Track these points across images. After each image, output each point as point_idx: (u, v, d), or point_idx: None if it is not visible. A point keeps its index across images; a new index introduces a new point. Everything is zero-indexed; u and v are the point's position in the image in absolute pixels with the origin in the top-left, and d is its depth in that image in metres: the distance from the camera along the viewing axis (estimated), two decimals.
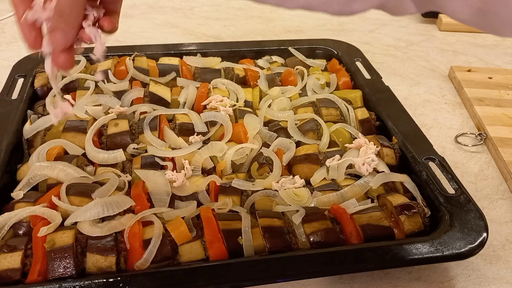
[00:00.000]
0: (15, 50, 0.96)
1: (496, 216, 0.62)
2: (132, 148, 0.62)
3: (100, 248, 0.47)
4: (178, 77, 0.76)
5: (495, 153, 0.71)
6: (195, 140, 0.63)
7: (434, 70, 0.97)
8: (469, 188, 0.58)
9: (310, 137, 0.65)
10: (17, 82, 0.73)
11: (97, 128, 0.63)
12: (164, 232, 0.49)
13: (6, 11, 1.12)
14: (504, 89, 0.86)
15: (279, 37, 1.07)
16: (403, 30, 1.15)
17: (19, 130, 0.64)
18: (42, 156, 0.59)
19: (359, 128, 0.68)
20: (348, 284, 0.52)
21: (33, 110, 0.69)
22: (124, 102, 0.69)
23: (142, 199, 0.54)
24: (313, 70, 0.81)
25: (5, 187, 0.56)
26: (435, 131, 0.78)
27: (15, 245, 0.48)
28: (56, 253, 0.46)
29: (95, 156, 0.59)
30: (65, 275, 0.45)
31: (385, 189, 0.58)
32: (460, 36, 1.12)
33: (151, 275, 0.45)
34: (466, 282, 0.53)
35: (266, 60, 0.83)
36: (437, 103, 0.86)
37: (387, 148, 0.63)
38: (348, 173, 0.60)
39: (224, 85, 0.74)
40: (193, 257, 0.49)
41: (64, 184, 0.54)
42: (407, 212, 0.53)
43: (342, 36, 0.96)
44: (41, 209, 0.51)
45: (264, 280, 0.46)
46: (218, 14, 1.18)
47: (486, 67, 0.97)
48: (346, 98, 0.72)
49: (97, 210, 0.51)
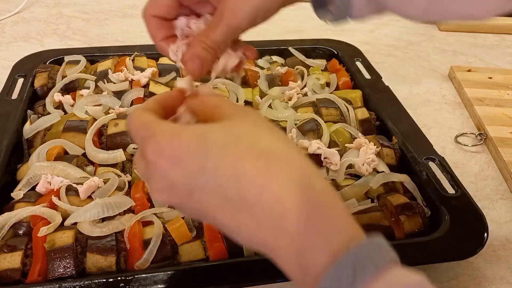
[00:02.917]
0: (15, 50, 0.96)
1: (496, 216, 0.62)
2: (132, 148, 0.62)
3: (100, 248, 0.47)
4: (178, 77, 0.76)
5: (495, 153, 0.71)
6: None
7: (434, 70, 0.97)
8: (469, 188, 0.58)
9: (310, 137, 0.65)
10: (17, 82, 0.73)
11: (97, 128, 0.63)
12: (164, 232, 0.49)
13: (6, 11, 1.12)
14: (504, 89, 0.86)
15: (279, 37, 1.07)
16: (403, 30, 1.15)
17: (19, 130, 0.64)
18: (42, 156, 0.59)
19: (359, 128, 0.68)
20: None
21: (33, 110, 0.69)
22: (124, 102, 0.69)
23: (142, 199, 0.54)
24: (313, 70, 0.81)
25: (5, 187, 0.56)
26: (435, 131, 0.78)
27: (15, 245, 0.48)
28: (56, 253, 0.46)
29: (95, 156, 0.59)
30: (65, 275, 0.46)
31: (385, 189, 0.58)
32: (460, 36, 1.12)
33: (151, 275, 0.45)
34: (466, 282, 0.53)
35: (266, 60, 0.83)
36: (437, 103, 0.86)
37: (387, 148, 0.63)
38: (348, 173, 0.60)
39: (224, 85, 0.74)
40: (193, 257, 0.49)
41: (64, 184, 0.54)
42: (407, 212, 0.53)
43: (342, 36, 0.96)
44: (41, 209, 0.51)
45: (264, 280, 0.46)
46: None
47: (486, 67, 0.97)
48: (346, 98, 0.72)
49: (97, 211, 0.51)
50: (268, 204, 0.30)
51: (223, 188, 0.31)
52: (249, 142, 0.32)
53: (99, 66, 0.76)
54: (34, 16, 1.12)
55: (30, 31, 1.05)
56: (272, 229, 0.30)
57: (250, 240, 0.32)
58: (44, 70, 0.75)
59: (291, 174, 0.31)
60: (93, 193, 0.54)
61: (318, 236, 0.29)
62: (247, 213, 0.30)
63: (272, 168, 0.31)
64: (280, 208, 0.29)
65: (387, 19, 1.20)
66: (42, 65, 0.77)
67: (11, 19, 1.10)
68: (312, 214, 0.29)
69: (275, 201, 0.30)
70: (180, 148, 0.32)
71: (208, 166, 0.31)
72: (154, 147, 0.32)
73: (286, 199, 0.29)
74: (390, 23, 1.18)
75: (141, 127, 0.35)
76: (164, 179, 0.32)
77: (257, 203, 0.30)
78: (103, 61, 0.77)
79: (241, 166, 0.30)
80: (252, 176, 0.30)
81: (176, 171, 0.32)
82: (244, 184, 0.30)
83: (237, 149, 0.31)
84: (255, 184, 0.30)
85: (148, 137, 0.33)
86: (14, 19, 1.10)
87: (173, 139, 0.32)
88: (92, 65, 0.79)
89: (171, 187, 0.32)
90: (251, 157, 0.31)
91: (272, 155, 0.31)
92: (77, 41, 1.01)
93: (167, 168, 0.32)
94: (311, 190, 0.30)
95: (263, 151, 0.31)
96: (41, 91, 0.73)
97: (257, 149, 0.31)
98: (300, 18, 1.14)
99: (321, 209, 0.30)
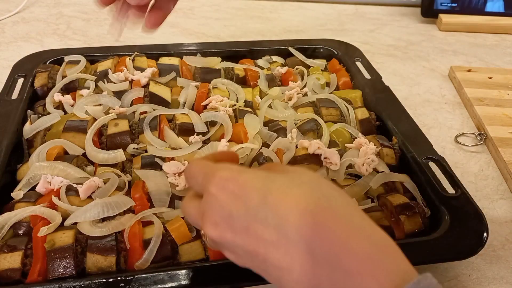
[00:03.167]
0: (15, 50, 0.96)
1: (496, 216, 0.62)
2: (132, 148, 0.62)
3: (100, 248, 0.47)
4: (178, 77, 0.76)
5: (495, 153, 0.71)
6: (195, 140, 0.63)
7: (434, 70, 0.97)
8: (469, 188, 0.58)
9: (310, 137, 0.65)
10: (17, 82, 0.73)
11: (97, 128, 0.63)
12: (164, 232, 0.49)
13: (6, 11, 1.12)
14: (504, 89, 0.86)
15: (279, 37, 1.07)
16: (403, 30, 1.15)
17: (19, 130, 0.64)
18: (42, 156, 0.59)
19: (359, 128, 0.68)
20: None
21: (33, 110, 0.69)
22: (124, 102, 0.69)
23: (142, 199, 0.54)
24: (313, 70, 0.81)
25: (5, 187, 0.56)
26: (435, 131, 0.78)
27: (15, 245, 0.48)
28: (56, 253, 0.46)
29: (95, 156, 0.59)
30: (65, 275, 0.46)
31: (385, 189, 0.58)
32: (460, 36, 1.12)
33: (151, 275, 0.45)
34: (466, 282, 0.53)
35: (266, 60, 0.83)
36: (437, 103, 0.86)
37: (387, 148, 0.63)
38: (348, 173, 0.60)
39: (224, 85, 0.74)
40: (193, 257, 0.49)
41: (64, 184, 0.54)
42: (407, 212, 0.53)
43: (342, 36, 0.96)
44: (41, 209, 0.51)
45: (264, 280, 0.46)
46: (218, 14, 1.18)
47: (486, 67, 0.98)
48: (346, 98, 0.72)
49: (97, 211, 0.51)
50: (328, 242, 0.31)
51: (283, 224, 0.31)
52: (311, 187, 0.33)
53: (99, 66, 0.76)
54: (34, 16, 1.12)
55: (30, 31, 1.05)
56: (329, 267, 0.30)
57: (300, 282, 0.32)
58: (44, 70, 0.75)
59: (352, 217, 0.32)
60: (93, 193, 0.54)
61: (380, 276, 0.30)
62: (304, 249, 0.31)
63: (335, 209, 0.32)
64: (339, 246, 0.30)
65: (387, 19, 1.20)
66: (42, 65, 0.77)
67: (11, 19, 1.10)
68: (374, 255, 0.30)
69: (336, 239, 0.31)
70: (244, 183, 0.33)
71: (270, 201, 0.32)
72: (219, 180, 0.34)
73: (346, 239, 0.31)
74: (390, 23, 1.18)
75: (204, 167, 0.37)
76: (222, 211, 0.33)
77: (316, 241, 0.31)
78: (103, 61, 0.77)
79: (304, 204, 0.32)
80: (315, 213, 0.31)
81: (237, 203, 0.33)
82: (304, 221, 0.31)
83: (300, 191, 0.32)
84: (316, 221, 0.31)
85: (213, 173, 0.35)
86: (14, 19, 1.10)
87: (239, 174, 0.34)
88: (92, 65, 0.79)
89: (228, 219, 0.33)
90: (313, 198, 0.32)
91: (333, 198, 0.33)
92: (77, 41, 1.02)
93: (228, 201, 0.33)
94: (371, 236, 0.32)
95: (325, 194, 0.33)
96: (41, 91, 0.73)
97: (319, 192, 0.33)
98: (300, 18, 1.14)
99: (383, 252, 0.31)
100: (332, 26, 1.13)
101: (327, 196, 0.33)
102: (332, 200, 0.33)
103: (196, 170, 0.37)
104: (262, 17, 1.16)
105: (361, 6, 1.27)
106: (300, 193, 0.32)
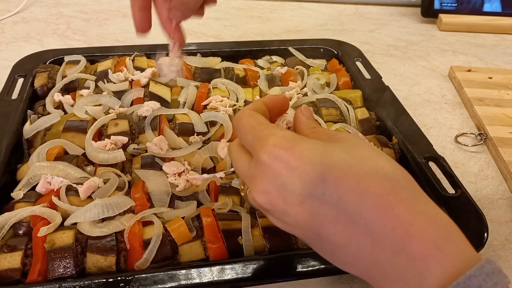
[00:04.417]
0: (15, 50, 0.96)
1: (496, 216, 0.62)
2: (132, 148, 0.62)
3: (100, 248, 0.47)
4: (178, 77, 0.76)
5: (495, 153, 0.71)
6: (195, 140, 0.63)
7: (434, 70, 0.97)
8: (469, 188, 0.58)
9: None
10: (17, 82, 0.73)
11: (97, 128, 0.63)
12: (164, 232, 0.49)
13: (6, 11, 1.12)
14: (504, 89, 0.86)
15: (279, 37, 1.07)
16: (403, 30, 1.15)
17: (19, 130, 0.64)
18: (42, 156, 0.59)
19: (359, 128, 0.68)
20: (348, 284, 0.52)
21: (33, 110, 0.69)
22: (124, 102, 0.69)
23: (142, 199, 0.54)
24: (313, 70, 0.81)
25: (5, 187, 0.56)
26: (435, 131, 0.78)
27: (15, 245, 0.48)
28: (56, 253, 0.46)
29: (95, 156, 0.59)
30: (65, 275, 0.45)
31: None
32: (460, 36, 1.12)
33: (151, 275, 0.45)
34: None
35: (266, 60, 0.83)
36: (437, 103, 0.86)
37: (387, 148, 0.63)
38: None
39: (224, 85, 0.74)
40: (193, 257, 0.49)
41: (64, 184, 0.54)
42: None
43: (342, 36, 0.96)
44: (41, 209, 0.51)
45: (264, 280, 0.46)
46: (218, 14, 1.18)
47: (486, 67, 0.97)
48: (346, 98, 0.72)
49: (97, 211, 0.51)
50: (391, 225, 0.30)
51: (342, 202, 0.31)
52: (373, 164, 0.32)
53: (99, 66, 0.76)
54: (34, 16, 1.12)
55: (30, 31, 1.05)
56: (390, 250, 0.30)
57: (356, 258, 0.32)
58: (44, 70, 0.75)
59: (416, 201, 0.31)
60: (93, 193, 0.54)
61: (445, 262, 0.29)
62: (363, 229, 0.30)
63: (398, 191, 0.31)
64: (403, 230, 0.30)
65: (387, 19, 1.20)
66: (42, 65, 0.77)
67: (11, 19, 1.10)
68: (439, 241, 0.30)
69: (399, 223, 0.30)
70: (301, 155, 0.32)
71: (330, 178, 0.31)
72: (272, 148, 0.32)
73: (411, 224, 0.30)
74: (390, 23, 1.18)
75: (256, 127, 0.35)
76: (275, 181, 0.32)
77: (377, 222, 0.30)
78: (103, 61, 0.77)
79: (366, 184, 0.31)
80: (378, 195, 0.30)
81: (292, 176, 0.31)
82: (366, 202, 0.30)
83: (362, 168, 0.32)
84: (379, 203, 0.30)
85: (265, 138, 0.33)
86: (14, 19, 1.10)
87: (295, 145, 0.32)
88: (92, 65, 0.79)
89: (281, 190, 0.32)
90: (376, 178, 0.31)
91: (397, 180, 0.32)
92: (77, 41, 1.02)
93: (282, 171, 0.32)
94: (437, 220, 0.31)
95: (388, 175, 0.32)
96: (41, 91, 0.73)
97: (382, 171, 0.32)
98: (300, 18, 1.14)
99: (448, 238, 0.30)
100: (332, 26, 1.13)
101: (390, 177, 0.32)
102: (395, 181, 0.31)
103: (246, 127, 0.35)
104: (262, 17, 1.16)
105: (361, 6, 1.27)
106: (361, 172, 0.31)
